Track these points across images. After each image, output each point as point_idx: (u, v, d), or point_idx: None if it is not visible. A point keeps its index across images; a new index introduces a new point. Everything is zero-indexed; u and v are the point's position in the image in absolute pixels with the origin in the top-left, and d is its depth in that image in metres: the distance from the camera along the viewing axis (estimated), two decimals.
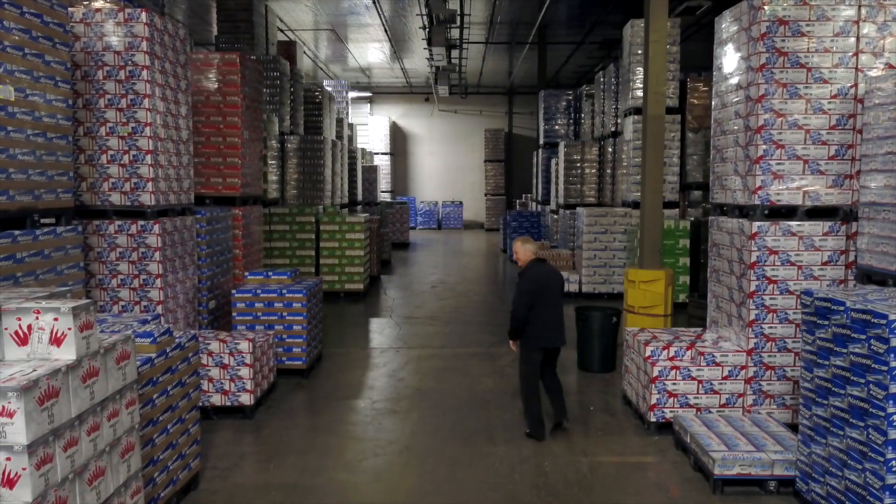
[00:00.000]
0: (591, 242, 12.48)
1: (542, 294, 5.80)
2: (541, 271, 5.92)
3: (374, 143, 28.40)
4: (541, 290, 5.79)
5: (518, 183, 29.36)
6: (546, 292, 5.82)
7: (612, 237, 12.45)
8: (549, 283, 5.87)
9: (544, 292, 5.81)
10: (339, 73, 26.36)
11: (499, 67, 25.17)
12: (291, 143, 13.93)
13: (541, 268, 5.96)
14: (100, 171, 6.15)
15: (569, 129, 18.87)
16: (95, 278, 6.21)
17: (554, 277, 5.96)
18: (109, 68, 6.06)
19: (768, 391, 5.84)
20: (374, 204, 21.55)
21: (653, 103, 8.71)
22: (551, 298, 5.84)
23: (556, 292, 5.91)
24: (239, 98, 8.36)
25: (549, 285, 5.85)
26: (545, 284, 5.82)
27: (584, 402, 6.96)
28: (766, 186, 5.70)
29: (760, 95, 5.67)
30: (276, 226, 12.44)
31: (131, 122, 6.09)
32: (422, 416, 6.51)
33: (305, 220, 12.46)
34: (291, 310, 7.35)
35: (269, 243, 12.39)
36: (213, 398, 6.26)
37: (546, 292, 5.82)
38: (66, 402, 2.93)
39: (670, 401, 5.85)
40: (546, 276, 5.90)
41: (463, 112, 29.86)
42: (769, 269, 5.71)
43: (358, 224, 12.61)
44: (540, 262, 6.04)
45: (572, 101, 18.93)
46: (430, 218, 29.25)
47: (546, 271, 5.97)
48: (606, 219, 12.48)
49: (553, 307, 5.86)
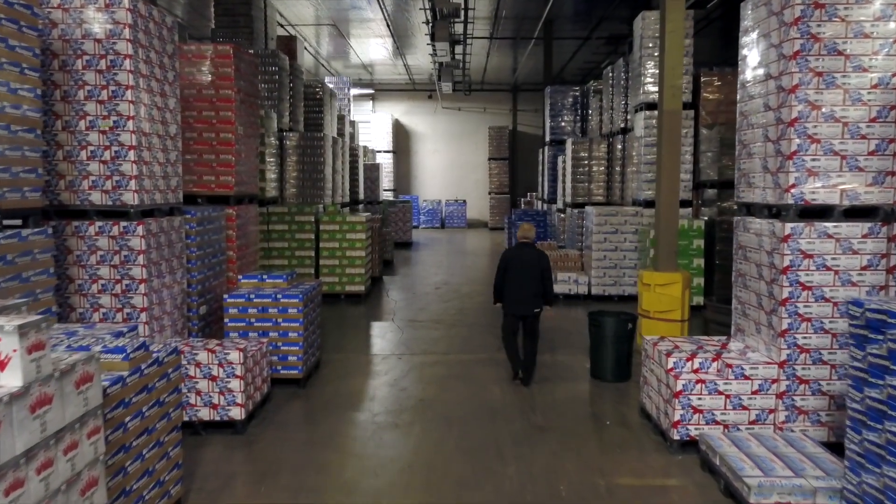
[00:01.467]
0: (600, 243, 12.01)
1: (507, 270, 7.12)
2: (512, 252, 7.28)
3: (376, 141, 27.97)
4: (505, 267, 7.14)
5: (522, 181, 28.94)
6: (511, 268, 7.10)
7: (622, 237, 11.99)
8: (517, 262, 7.11)
9: (509, 268, 7.11)
10: (340, 69, 25.92)
11: (503, 64, 24.72)
12: (291, 139, 13.49)
13: (516, 249, 7.30)
14: (79, 169, 5.71)
15: (575, 126, 18.39)
16: (74, 283, 5.77)
17: (525, 258, 7.11)
18: (89, 57, 5.62)
19: (802, 407, 5.38)
20: (376, 203, 21.13)
21: (669, 97, 8.25)
22: (518, 274, 7.05)
23: (523, 270, 7.05)
24: (233, 92, 7.92)
25: (516, 264, 7.09)
26: (511, 262, 7.13)
27: (599, 414, 6.52)
28: (799, 184, 5.24)
29: (794, 85, 5.21)
30: (275, 225, 12.01)
31: (113, 116, 5.65)
32: (425, 430, 6.07)
33: (305, 219, 12.03)
34: (287, 315, 6.92)
35: (268, 243, 11.96)
36: (201, 412, 5.82)
37: (511, 268, 7.10)
38: (8, 437, 2.50)
39: (695, 417, 5.40)
40: (514, 256, 7.18)
41: (466, 109, 29.43)
42: (803, 275, 5.25)
43: (359, 223, 12.17)
44: (522, 245, 7.26)
45: (579, 98, 18.44)
46: (434, 217, 28.81)
47: (517, 253, 7.21)
48: (616, 218, 12.01)
49: (518, 282, 7.07)
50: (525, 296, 7.06)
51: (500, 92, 29.21)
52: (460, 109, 29.50)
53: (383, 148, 28.10)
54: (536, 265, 7.07)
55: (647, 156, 11.81)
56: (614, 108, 14.79)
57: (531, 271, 7.04)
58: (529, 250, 7.19)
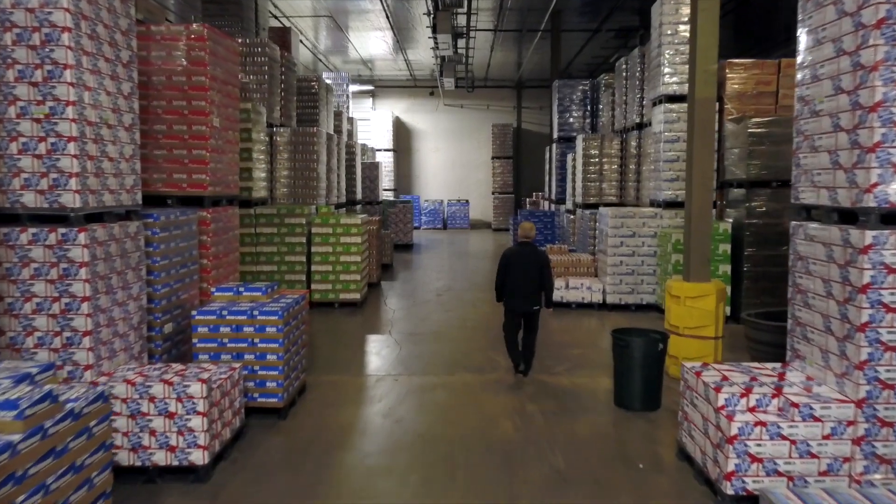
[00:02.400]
0: (616, 247, 11.05)
1: (507, 268, 7.27)
2: (512, 251, 7.43)
3: (376, 139, 27.04)
4: (505, 265, 7.29)
5: (527, 180, 28.03)
6: (511, 267, 7.25)
7: (640, 241, 11.02)
8: (516, 260, 7.25)
9: (509, 267, 7.26)
10: (339, 65, 24.96)
11: (507, 59, 23.79)
12: (281, 135, 12.54)
13: (516, 248, 7.45)
14: (8, 164, 4.76)
15: (584, 123, 17.43)
16: (3, 302, 4.82)
17: (525, 257, 7.25)
18: (20, 30, 4.67)
19: (885, 455, 4.41)
20: (375, 203, 20.20)
21: (701, 84, 7.29)
22: (518, 273, 7.20)
23: (523, 269, 7.19)
24: (207, 79, 6.96)
25: (515, 262, 7.24)
26: (511, 261, 7.27)
27: (629, 454, 5.54)
28: (884, 183, 4.28)
29: (877, 62, 4.25)
30: (263, 228, 11.07)
31: (49, 101, 4.71)
32: (425, 479, 5.09)
33: (296, 221, 11.08)
34: (265, 335, 5.96)
35: (255, 248, 11.02)
36: (155, 456, 4.86)
37: (511, 267, 7.25)
38: None
39: (753, 467, 4.43)
40: (514, 255, 7.32)
41: (469, 107, 28.49)
42: (887, 294, 4.29)
43: (354, 226, 11.22)
44: (522, 244, 7.39)
45: (589, 92, 17.48)
46: (435, 217, 27.87)
47: (516, 251, 7.37)
48: (634, 220, 11.05)
49: (518, 280, 7.22)
50: (525, 294, 7.26)
51: (504, 88, 28.29)
52: (463, 107, 28.58)
53: (383, 146, 27.16)
54: (536, 264, 7.23)
55: (667, 152, 10.85)
56: (628, 103, 13.82)
57: (531, 270, 7.21)
58: (530, 249, 7.35)
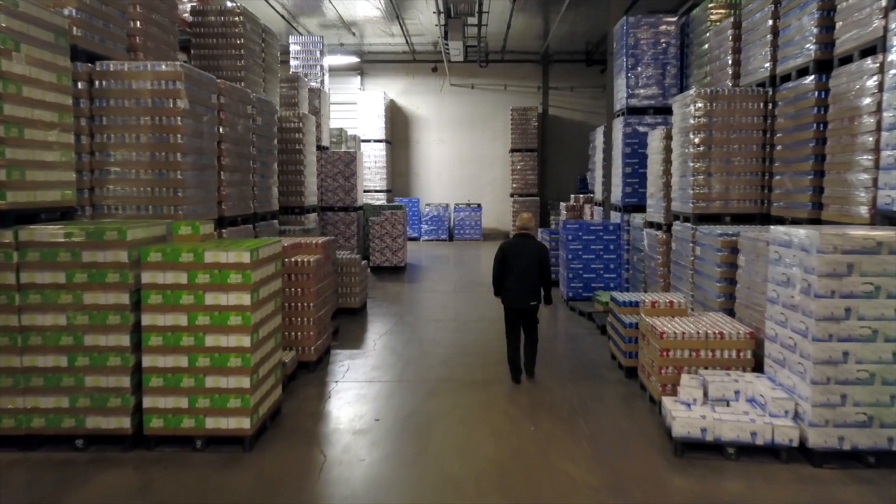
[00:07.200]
0: (828, 320, 4.95)
1: (506, 262, 6.98)
2: (511, 243, 7.11)
3: (365, 126, 21.26)
4: (504, 259, 6.99)
5: (554, 180, 22.35)
6: (510, 261, 6.94)
7: (886, 304, 4.95)
8: (515, 253, 6.95)
9: (507, 261, 6.96)
10: (314, 29, 19.07)
11: (530, 26, 18.16)
12: (112, 78, 6.59)
13: (515, 240, 7.13)
14: None
15: (665, 90, 11.34)
16: None
17: (524, 249, 6.94)
18: None
19: None
20: (352, 209, 14.30)
21: None
22: (516, 267, 6.89)
23: (522, 263, 6.89)
24: None
25: (515, 255, 6.94)
26: (510, 254, 6.96)
27: None
28: None
29: None
30: (37, 273, 5.10)
31: None
32: None
33: (108, 257, 5.11)
34: None
35: (14, 317, 5.09)
36: None
37: (510, 261, 6.94)
38: None
39: None
40: (513, 247, 7.02)
41: (482, 87, 22.74)
42: None
43: (240, 264, 5.20)
44: (521, 236, 7.11)
45: (677, 37, 11.30)
46: (439, 226, 21.99)
47: (516, 243, 7.05)
48: (871, 260, 4.97)
49: (517, 275, 6.90)
50: (523, 289, 6.94)
51: (527, 63, 22.60)
52: (474, 87, 22.81)
53: (374, 136, 21.35)
54: (535, 257, 6.92)
55: None
56: (778, 46, 7.78)
57: (530, 264, 6.91)
58: (529, 242, 7.06)
